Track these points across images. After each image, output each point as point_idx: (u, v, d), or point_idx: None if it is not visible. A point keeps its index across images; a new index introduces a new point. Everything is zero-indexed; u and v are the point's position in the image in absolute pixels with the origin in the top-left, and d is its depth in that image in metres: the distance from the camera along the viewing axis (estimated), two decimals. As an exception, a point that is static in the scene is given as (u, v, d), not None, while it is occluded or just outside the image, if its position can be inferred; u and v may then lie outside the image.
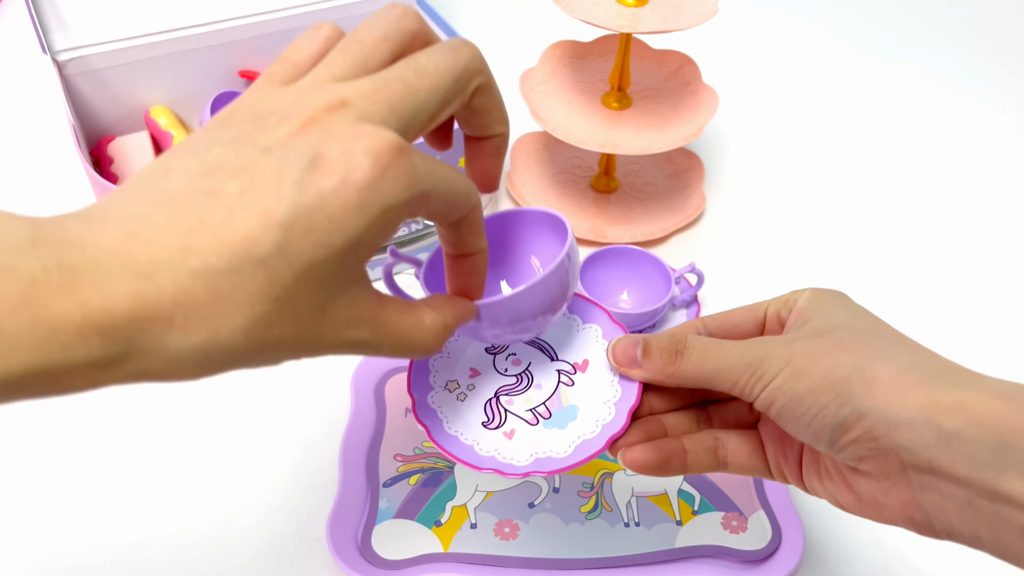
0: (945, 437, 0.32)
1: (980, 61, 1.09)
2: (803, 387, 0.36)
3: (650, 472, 0.41)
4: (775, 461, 0.42)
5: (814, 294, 0.41)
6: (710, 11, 0.70)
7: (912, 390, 0.33)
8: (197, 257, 0.25)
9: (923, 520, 0.34)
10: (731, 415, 0.44)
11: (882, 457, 0.34)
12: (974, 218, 0.86)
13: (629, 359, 0.42)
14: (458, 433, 0.44)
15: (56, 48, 0.76)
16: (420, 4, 0.86)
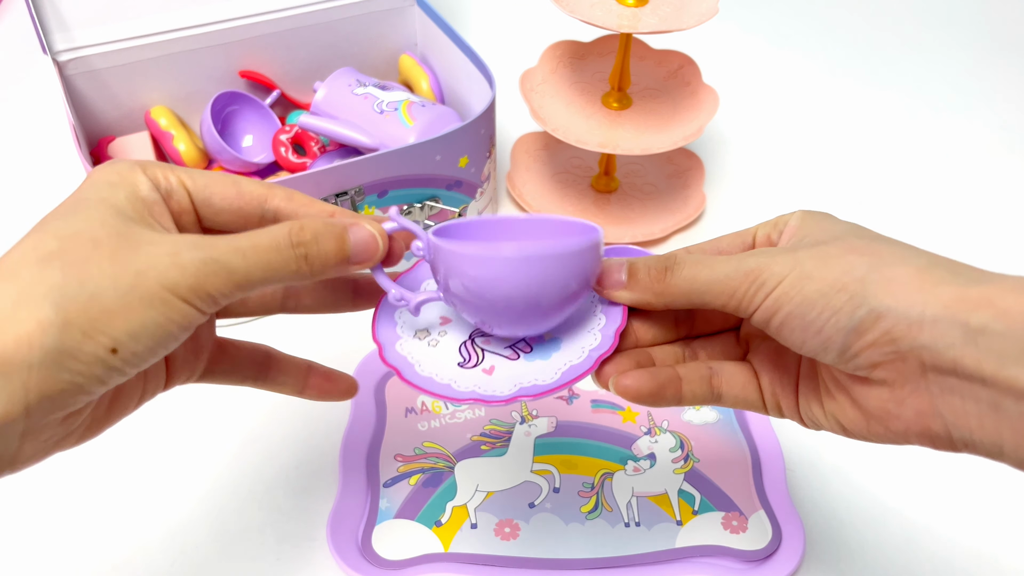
0: (971, 333, 0.30)
1: (980, 60, 1.09)
2: (813, 290, 0.33)
3: (644, 400, 0.38)
4: (770, 390, 0.39)
5: (806, 213, 0.38)
6: (710, 11, 0.70)
7: (934, 287, 0.31)
8: None
9: (940, 430, 0.32)
10: (718, 348, 0.42)
11: (900, 361, 0.32)
12: (974, 219, 0.86)
13: (614, 281, 0.39)
14: (432, 374, 0.40)
15: (56, 48, 0.76)
16: (420, 4, 0.86)
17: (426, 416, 0.64)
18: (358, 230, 0.36)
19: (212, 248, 0.32)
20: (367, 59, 0.90)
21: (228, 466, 0.62)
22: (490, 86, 0.74)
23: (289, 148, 0.81)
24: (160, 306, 0.31)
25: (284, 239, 0.34)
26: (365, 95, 0.78)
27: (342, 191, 0.68)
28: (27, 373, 0.29)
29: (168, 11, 0.78)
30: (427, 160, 0.70)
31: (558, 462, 0.61)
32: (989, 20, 1.18)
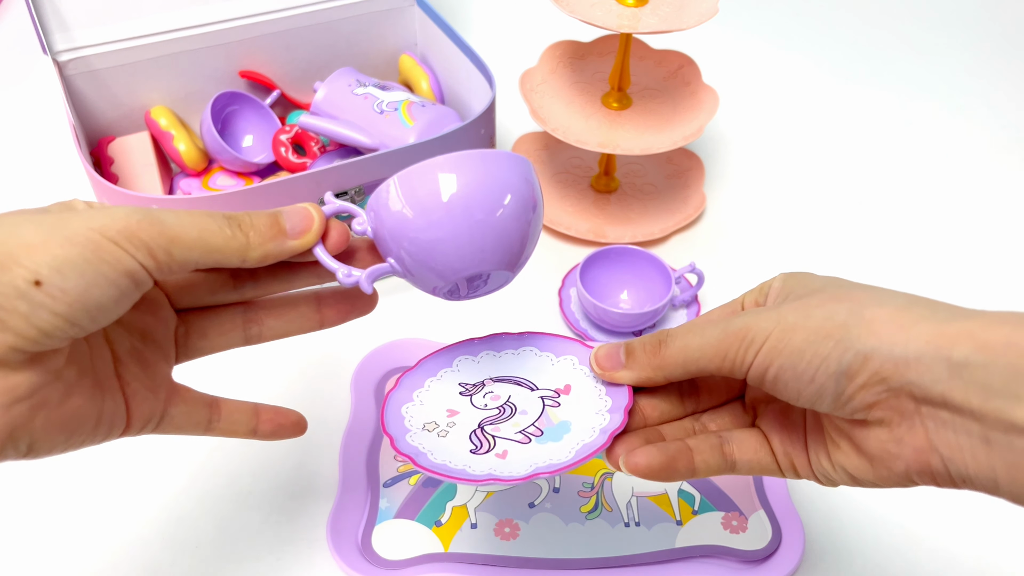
0: (956, 367, 0.30)
1: (980, 60, 1.09)
2: (799, 340, 0.34)
3: (656, 476, 0.38)
4: (782, 451, 0.39)
5: (787, 275, 0.39)
6: (710, 11, 0.70)
7: (916, 324, 0.32)
8: None
9: (939, 466, 0.32)
10: (727, 418, 0.42)
11: (893, 399, 0.32)
12: (975, 218, 0.86)
13: (614, 362, 0.41)
14: (446, 462, 0.41)
15: (57, 49, 0.76)
16: (420, 4, 0.86)
17: (426, 416, 0.64)
18: (291, 207, 0.37)
19: (146, 208, 0.33)
20: (367, 59, 0.90)
21: (228, 466, 0.62)
22: (490, 86, 0.74)
23: (289, 148, 0.81)
24: (89, 245, 0.30)
25: (218, 214, 0.35)
26: (365, 95, 0.78)
27: (342, 191, 0.68)
28: None
29: (168, 11, 0.78)
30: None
31: (558, 462, 0.61)
32: (989, 20, 1.18)
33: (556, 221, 0.81)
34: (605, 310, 0.68)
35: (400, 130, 0.74)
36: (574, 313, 0.73)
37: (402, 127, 0.74)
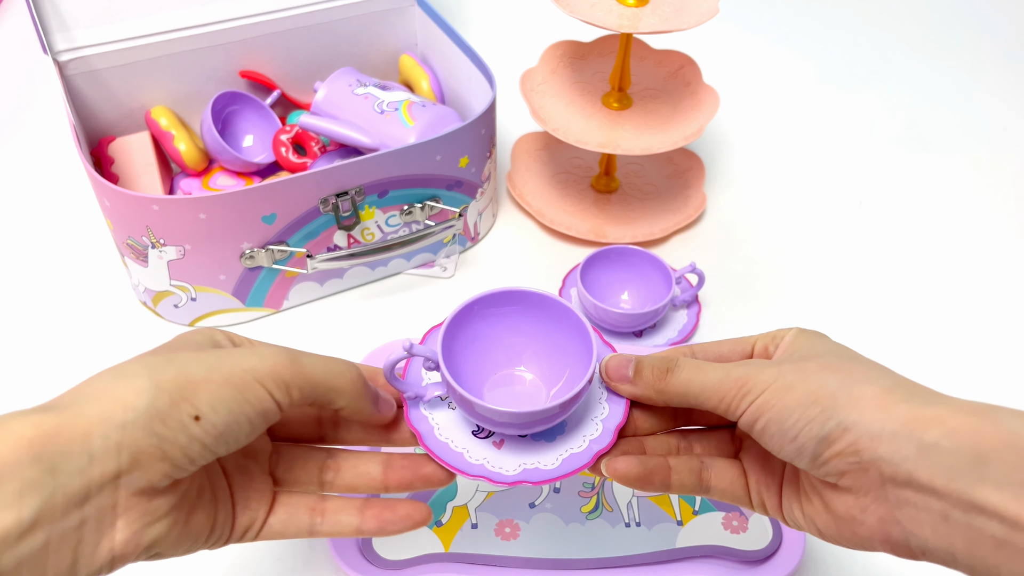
0: (924, 448, 0.33)
1: (980, 60, 1.09)
2: (791, 401, 0.37)
3: (632, 484, 0.41)
4: (756, 489, 0.42)
5: (800, 332, 0.42)
6: (710, 11, 0.70)
7: (894, 406, 0.35)
8: None
9: (899, 537, 0.35)
10: (712, 444, 0.45)
11: (862, 472, 0.35)
12: (974, 218, 0.86)
13: (621, 376, 0.43)
14: (449, 440, 0.44)
15: (57, 48, 0.76)
16: (420, 4, 0.86)
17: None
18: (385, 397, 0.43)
19: (288, 348, 0.38)
20: (367, 59, 0.90)
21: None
22: (490, 86, 0.74)
23: (290, 148, 0.81)
24: (237, 386, 0.35)
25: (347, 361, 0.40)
26: (365, 95, 0.78)
27: (342, 191, 0.68)
28: (121, 432, 0.32)
29: (168, 11, 0.78)
30: (427, 160, 0.70)
31: (558, 462, 0.61)
32: (991, 21, 1.18)
33: (556, 221, 0.81)
34: (606, 310, 0.67)
35: (400, 130, 0.74)
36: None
37: (402, 127, 0.74)
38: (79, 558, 0.31)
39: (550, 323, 0.46)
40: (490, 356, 0.47)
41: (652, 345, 0.70)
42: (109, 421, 0.31)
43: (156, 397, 0.33)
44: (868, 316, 0.75)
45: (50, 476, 0.30)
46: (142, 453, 0.32)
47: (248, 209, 0.65)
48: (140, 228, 0.65)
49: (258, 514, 0.40)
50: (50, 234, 0.81)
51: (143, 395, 0.33)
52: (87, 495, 0.31)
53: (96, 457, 0.31)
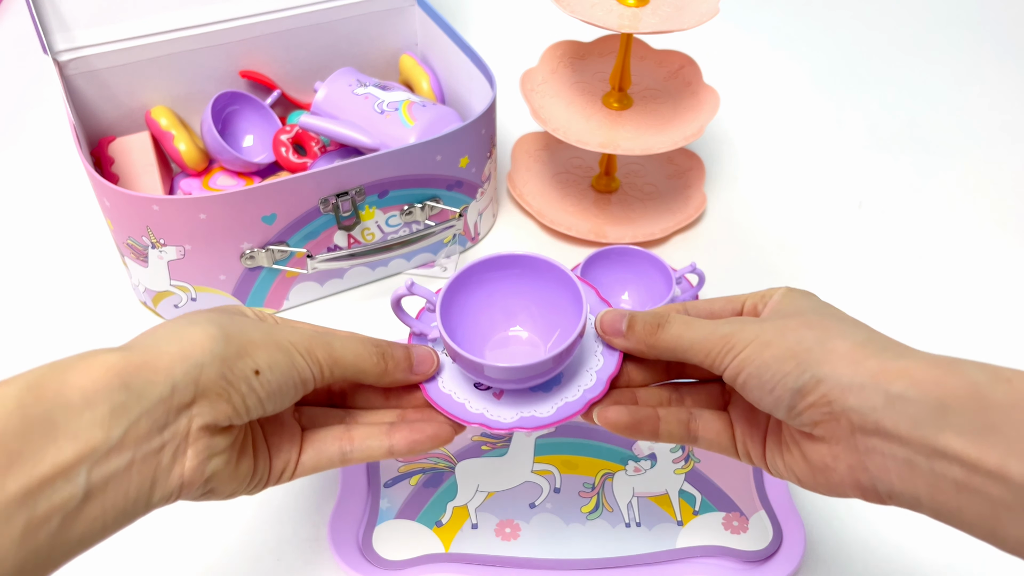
0: (891, 399, 0.35)
1: (980, 60, 1.09)
2: (769, 356, 0.39)
3: (622, 431, 0.44)
4: (742, 440, 0.45)
5: (788, 290, 0.44)
6: (711, 11, 0.70)
7: (865, 360, 0.37)
8: None
9: (868, 483, 0.37)
10: (702, 396, 0.47)
11: (834, 421, 0.37)
12: (974, 218, 0.86)
13: (615, 329, 0.46)
14: (451, 392, 0.47)
15: (57, 48, 0.76)
16: (421, 4, 0.86)
17: (427, 416, 0.64)
18: (418, 348, 0.47)
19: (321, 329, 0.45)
20: (368, 59, 0.90)
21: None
22: (491, 86, 0.74)
23: (290, 148, 0.81)
24: (287, 353, 0.40)
25: (370, 342, 0.45)
26: (366, 95, 0.78)
27: (343, 191, 0.68)
28: (198, 370, 0.36)
29: (168, 11, 0.78)
30: (428, 160, 0.70)
31: (559, 462, 0.61)
32: (991, 21, 1.18)
33: (557, 221, 0.81)
34: (606, 310, 0.67)
35: (401, 130, 0.74)
36: (575, 313, 0.73)
37: (403, 127, 0.74)
38: (156, 480, 0.35)
39: (544, 284, 0.49)
40: (488, 317, 0.50)
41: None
42: (188, 359, 0.36)
43: (226, 346, 0.37)
44: (868, 316, 0.75)
45: (136, 402, 0.34)
46: (211, 392, 0.36)
47: (248, 209, 0.65)
48: (140, 228, 0.65)
49: (291, 455, 0.44)
50: (50, 234, 0.81)
51: (216, 342, 0.37)
52: (166, 422, 0.35)
53: (177, 388, 0.35)
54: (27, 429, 0.31)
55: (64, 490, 0.31)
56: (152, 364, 0.35)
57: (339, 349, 0.43)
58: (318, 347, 0.42)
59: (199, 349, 0.36)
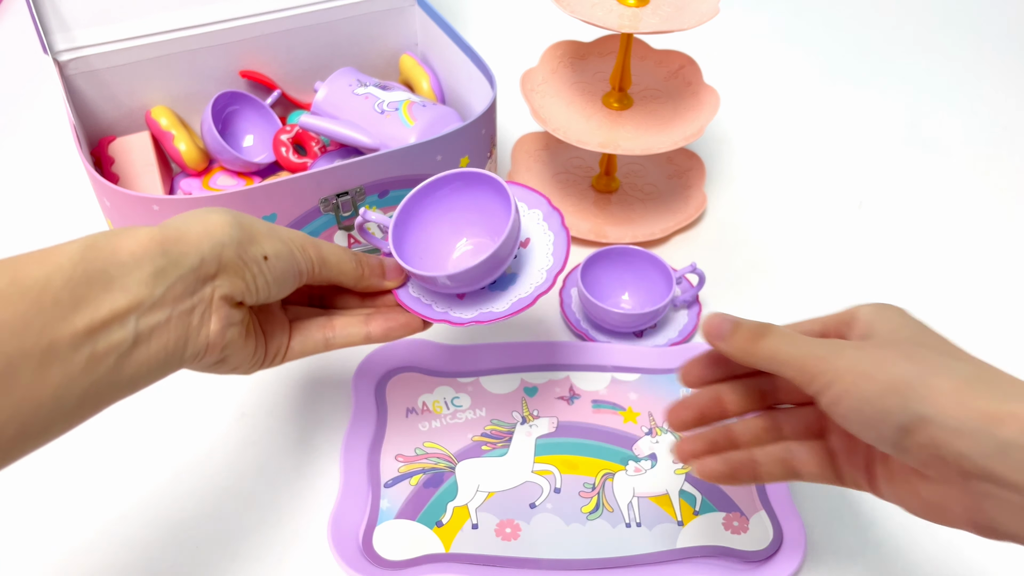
0: (1002, 446, 0.34)
1: (981, 59, 1.10)
2: (869, 390, 0.37)
3: (720, 481, 0.45)
4: (848, 470, 0.44)
5: (876, 309, 0.43)
6: (711, 11, 0.70)
7: (972, 401, 0.35)
8: None
9: (986, 523, 0.36)
10: (800, 424, 0.46)
11: (943, 464, 0.36)
12: (973, 218, 0.86)
13: (718, 332, 0.44)
14: (419, 296, 0.55)
15: (57, 48, 0.76)
16: (421, 4, 0.86)
17: (427, 416, 0.64)
18: (389, 260, 0.55)
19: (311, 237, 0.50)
20: (368, 59, 0.90)
21: (229, 467, 0.62)
22: (491, 86, 0.74)
23: (290, 148, 0.81)
24: (288, 245, 0.47)
25: (350, 251, 0.52)
26: (366, 95, 0.78)
27: (343, 191, 0.68)
28: (220, 248, 0.43)
29: (169, 11, 0.78)
30: (428, 160, 0.70)
31: (559, 462, 0.61)
32: (991, 21, 1.18)
33: (557, 221, 0.81)
34: (606, 310, 0.67)
35: (401, 130, 0.74)
36: (575, 313, 0.73)
37: (403, 127, 0.74)
38: (188, 338, 0.41)
39: (481, 193, 0.56)
40: (439, 231, 0.57)
41: (652, 345, 0.70)
42: (212, 237, 0.42)
43: (240, 232, 0.44)
44: (869, 316, 0.75)
45: (173, 267, 0.40)
46: (230, 268, 0.43)
47: (248, 209, 0.65)
48: (140, 228, 0.65)
49: (282, 341, 0.51)
50: (50, 234, 0.80)
51: (232, 228, 0.44)
52: (195, 288, 0.41)
53: (204, 261, 0.42)
54: (89, 279, 0.37)
55: (118, 333, 0.37)
56: (184, 239, 0.41)
57: (326, 251, 0.50)
58: (310, 246, 0.49)
59: (220, 231, 0.43)
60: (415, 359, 0.68)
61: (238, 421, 0.65)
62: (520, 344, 0.69)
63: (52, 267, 0.36)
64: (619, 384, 0.67)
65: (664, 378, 0.67)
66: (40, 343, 0.35)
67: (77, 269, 0.37)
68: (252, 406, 0.66)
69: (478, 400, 0.65)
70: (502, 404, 0.65)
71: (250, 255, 0.44)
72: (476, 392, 0.66)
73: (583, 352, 0.68)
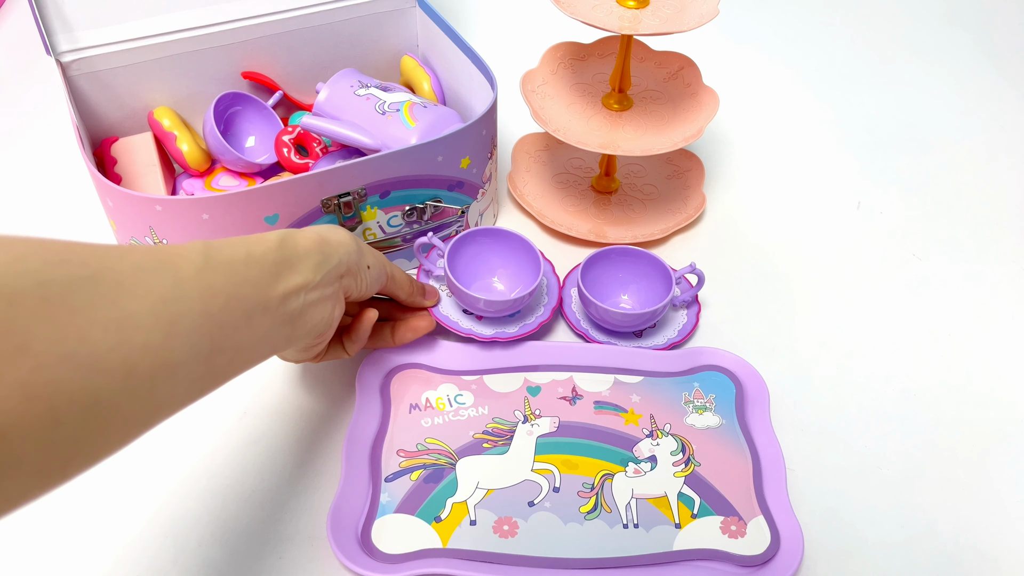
0: None
1: (978, 62, 1.10)
2: None
3: None
4: None
5: None
6: (710, 13, 0.70)
7: None
8: None
9: None
10: None
11: None
12: (973, 218, 0.86)
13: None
14: (448, 315, 0.69)
15: (60, 49, 0.76)
16: (422, 6, 0.87)
17: (430, 413, 0.65)
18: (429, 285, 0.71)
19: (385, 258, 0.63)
20: (369, 60, 0.90)
21: (230, 464, 0.62)
22: (491, 87, 0.75)
23: (292, 149, 0.81)
24: (379, 259, 0.61)
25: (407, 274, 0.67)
26: (367, 96, 0.78)
27: (345, 192, 0.69)
28: (349, 255, 0.55)
29: (171, 12, 0.79)
30: (429, 161, 0.71)
31: (559, 462, 0.61)
32: (989, 22, 1.18)
33: (557, 222, 0.81)
34: (606, 310, 0.68)
35: (402, 131, 0.74)
36: (575, 313, 0.73)
37: (404, 128, 0.75)
38: (327, 314, 0.53)
39: (514, 250, 0.72)
40: (475, 267, 0.72)
41: (651, 344, 0.70)
42: (344, 246, 0.55)
43: (357, 245, 0.57)
44: (868, 316, 0.75)
45: (326, 262, 0.52)
46: (352, 270, 0.55)
47: (251, 210, 0.66)
48: (143, 228, 0.66)
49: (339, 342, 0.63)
50: (53, 234, 0.81)
51: (353, 241, 0.56)
52: (334, 281, 0.53)
53: (341, 261, 0.54)
54: (284, 260, 0.49)
55: (296, 302, 0.49)
56: (331, 243, 0.54)
57: (394, 269, 0.64)
58: (387, 263, 0.62)
59: (348, 242, 0.56)
60: (420, 356, 0.68)
61: (239, 420, 0.65)
62: (524, 344, 0.69)
63: (265, 248, 0.48)
64: (622, 386, 0.67)
65: (667, 381, 0.68)
66: (262, 298, 0.46)
67: (276, 254, 0.49)
68: (257, 401, 0.66)
69: (481, 398, 0.66)
70: (505, 403, 0.66)
71: (361, 263, 0.57)
72: (480, 390, 0.66)
73: (587, 353, 0.69)
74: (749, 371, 0.68)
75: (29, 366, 0.31)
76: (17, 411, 0.31)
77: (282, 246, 0.50)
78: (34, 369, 0.31)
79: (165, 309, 0.39)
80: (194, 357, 0.40)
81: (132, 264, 0.39)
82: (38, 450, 0.32)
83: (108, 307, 0.36)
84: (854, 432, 0.65)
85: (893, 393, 0.69)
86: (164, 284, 0.40)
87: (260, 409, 0.66)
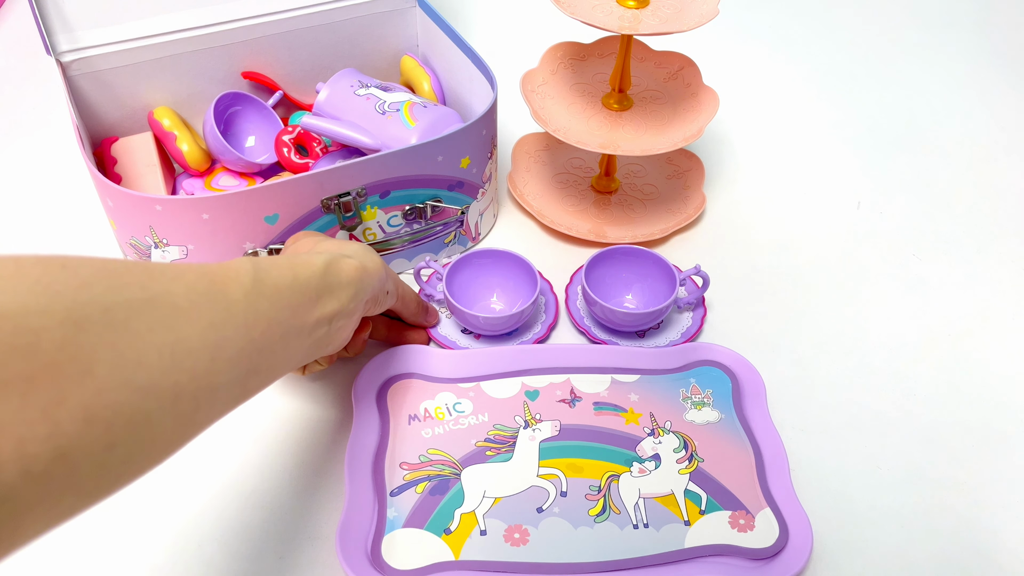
0: None
1: (978, 62, 1.10)
2: None
3: None
4: None
5: None
6: (710, 13, 0.70)
7: None
8: None
9: None
10: None
11: None
12: (973, 218, 0.86)
13: None
14: (447, 335, 0.72)
15: (60, 49, 0.75)
16: (422, 6, 0.87)
17: (429, 423, 0.64)
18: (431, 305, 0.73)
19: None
20: (369, 60, 0.90)
21: (231, 467, 0.62)
22: (492, 87, 0.74)
23: (292, 149, 0.81)
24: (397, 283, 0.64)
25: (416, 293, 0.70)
26: (367, 96, 0.78)
27: (344, 192, 0.68)
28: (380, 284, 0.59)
29: (171, 12, 0.78)
30: (429, 161, 0.70)
31: (564, 465, 0.61)
32: (988, 22, 1.19)
33: (557, 222, 0.81)
34: (611, 310, 0.68)
35: (402, 131, 0.74)
36: (579, 311, 0.73)
37: (404, 128, 0.74)
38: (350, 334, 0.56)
39: (511, 269, 0.73)
40: (475, 288, 0.74)
41: (653, 345, 0.70)
42: (377, 274, 0.58)
43: (386, 273, 0.60)
44: (868, 316, 0.75)
45: (361, 292, 0.55)
46: (376, 295, 0.59)
47: (251, 209, 0.65)
48: (143, 228, 0.65)
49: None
50: (53, 234, 0.81)
51: (383, 270, 0.60)
52: (362, 305, 0.56)
53: (372, 289, 0.57)
54: (325, 286, 0.52)
55: (327, 326, 0.52)
56: (370, 272, 0.57)
57: (406, 289, 0.67)
58: (401, 283, 0.65)
59: (381, 268, 0.59)
60: (414, 365, 0.68)
61: (243, 436, 0.65)
62: (518, 348, 0.69)
63: (311, 272, 0.51)
64: (619, 385, 0.67)
65: (664, 378, 0.67)
66: (299, 323, 0.49)
67: (319, 279, 0.51)
68: (258, 414, 0.66)
69: (480, 405, 0.65)
70: (504, 408, 0.65)
71: (384, 288, 0.60)
72: (478, 397, 0.66)
73: (582, 354, 0.69)
74: (744, 364, 0.68)
75: (93, 390, 0.32)
76: (79, 433, 0.31)
77: (327, 272, 0.52)
78: (97, 393, 0.32)
79: (214, 334, 0.40)
80: (234, 380, 0.42)
81: (186, 286, 0.40)
82: (94, 470, 0.33)
83: (164, 331, 0.37)
84: (854, 432, 0.66)
85: (894, 393, 0.69)
86: (215, 308, 0.41)
87: (263, 418, 0.65)
